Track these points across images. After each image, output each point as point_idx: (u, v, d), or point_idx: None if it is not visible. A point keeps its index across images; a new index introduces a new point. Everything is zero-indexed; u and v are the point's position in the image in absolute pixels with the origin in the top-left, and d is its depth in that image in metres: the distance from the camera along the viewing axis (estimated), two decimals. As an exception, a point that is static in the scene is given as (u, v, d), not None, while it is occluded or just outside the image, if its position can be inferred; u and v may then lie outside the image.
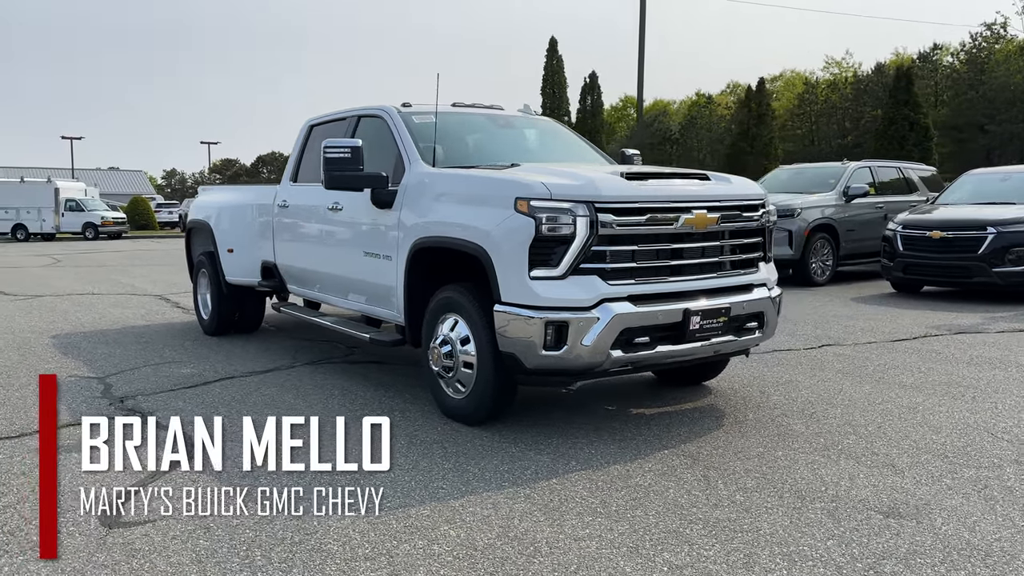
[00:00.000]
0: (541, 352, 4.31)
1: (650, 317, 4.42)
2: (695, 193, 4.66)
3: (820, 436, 4.64)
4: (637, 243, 4.44)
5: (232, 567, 3.04)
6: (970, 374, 6.19)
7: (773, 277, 5.17)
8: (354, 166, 5.36)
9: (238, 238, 7.77)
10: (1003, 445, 4.45)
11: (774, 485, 3.87)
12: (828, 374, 6.24)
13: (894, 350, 7.20)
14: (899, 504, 3.62)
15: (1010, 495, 3.72)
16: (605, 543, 3.23)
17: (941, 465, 4.13)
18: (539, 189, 4.35)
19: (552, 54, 48.31)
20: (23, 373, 6.50)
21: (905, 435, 4.64)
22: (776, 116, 53.51)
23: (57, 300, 11.87)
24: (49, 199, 39.63)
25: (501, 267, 4.43)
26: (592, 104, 48.88)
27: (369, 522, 3.44)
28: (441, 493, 3.78)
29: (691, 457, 4.30)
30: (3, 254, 25.90)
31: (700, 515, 3.51)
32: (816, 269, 12.63)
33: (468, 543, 3.23)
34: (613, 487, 3.85)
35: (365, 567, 3.04)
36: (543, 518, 3.49)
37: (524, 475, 4.03)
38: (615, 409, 5.29)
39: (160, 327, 9.04)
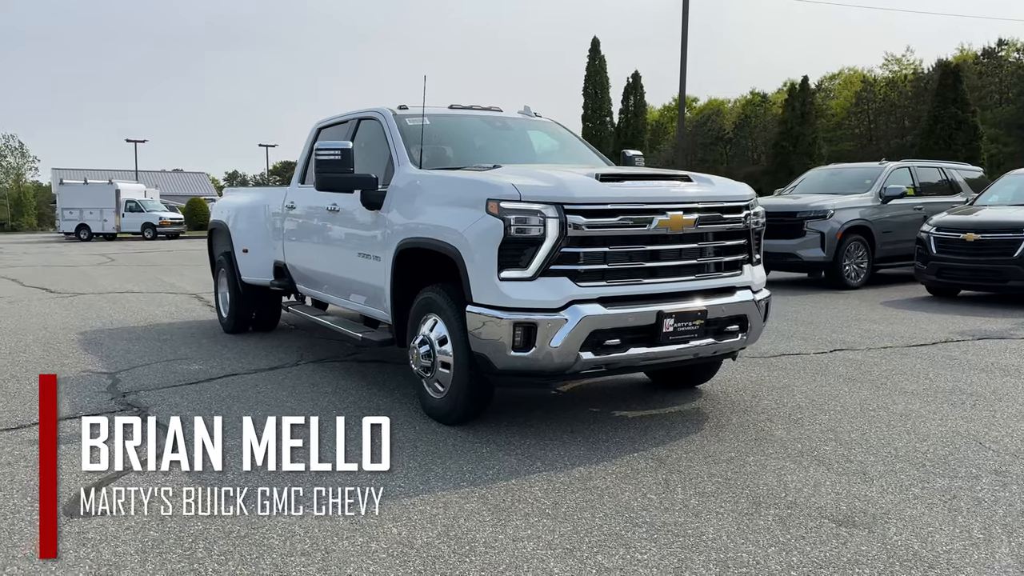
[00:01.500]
0: (510, 353, 4.33)
1: (621, 319, 4.40)
2: (670, 195, 4.62)
3: (798, 442, 4.56)
4: (609, 245, 4.43)
5: (172, 558, 3.13)
6: (979, 381, 6.00)
7: (760, 280, 5.09)
8: (344, 168, 5.45)
9: (253, 239, 7.95)
10: (987, 455, 4.32)
11: (733, 490, 3.82)
12: (829, 379, 6.11)
13: (907, 355, 7.02)
14: (856, 513, 3.55)
15: (976, 507, 3.61)
16: (542, 544, 3.24)
17: (914, 474, 4.03)
18: (509, 191, 4.37)
19: (594, 54, 48.03)
20: (40, 367, 6.76)
21: (887, 443, 4.53)
22: (832, 114, 52.45)
23: (96, 298, 12.29)
24: (110, 200, 40.99)
25: (473, 268, 4.46)
26: (635, 104, 48.48)
27: (317, 519, 3.51)
28: (397, 492, 3.83)
29: (658, 460, 4.27)
30: (63, 253, 26.88)
31: (648, 519, 3.49)
32: (850, 272, 12.35)
33: (407, 541, 3.27)
34: (569, 489, 3.85)
35: (299, 562, 3.10)
36: (489, 518, 3.51)
37: (486, 475, 4.05)
38: (598, 411, 5.27)
39: (184, 325, 9.30)
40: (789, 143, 39.25)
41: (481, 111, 6.50)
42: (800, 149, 38.15)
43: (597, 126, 47.32)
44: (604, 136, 47.30)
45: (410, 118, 5.90)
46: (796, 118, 39.92)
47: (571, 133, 6.75)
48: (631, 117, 48.14)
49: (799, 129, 39.55)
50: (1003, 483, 3.89)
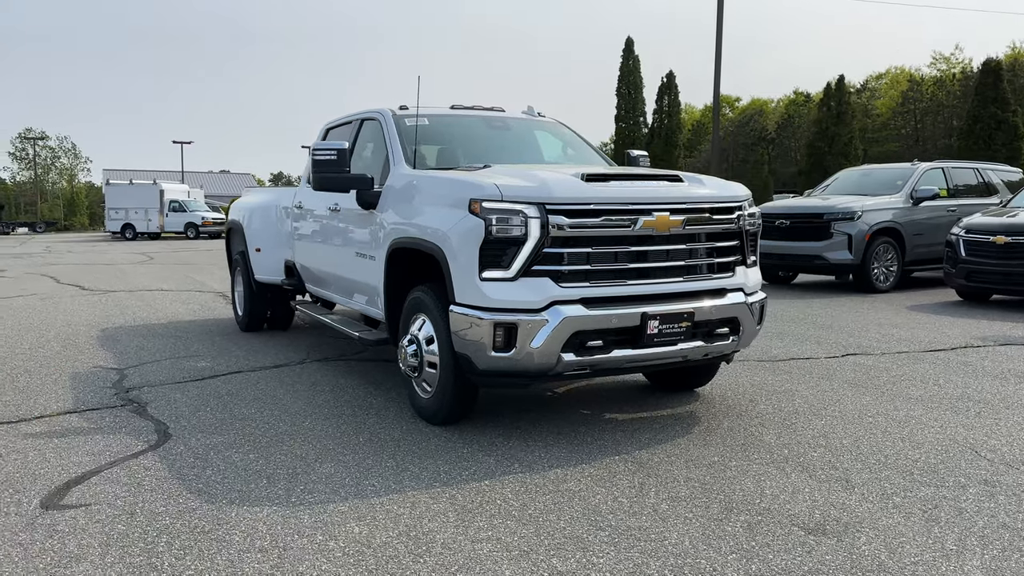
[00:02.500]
0: (491, 354, 4.31)
1: (603, 320, 4.35)
2: (656, 195, 4.56)
3: (786, 448, 4.47)
4: (592, 245, 4.38)
5: (133, 551, 3.17)
6: (990, 388, 5.82)
7: (754, 282, 5.00)
8: (340, 168, 5.48)
9: (265, 238, 8.05)
10: (980, 464, 4.18)
11: (707, 495, 3.76)
12: (835, 384, 5.98)
13: (921, 361, 6.84)
14: (829, 521, 3.46)
15: (957, 517, 3.49)
16: (501, 546, 3.22)
17: (899, 482, 3.92)
18: (490, 190, 4.35)
19: (628, 54, 47.62)
20: (55, 363, 6.92)
21: (878, 450, 4.42)
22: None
23: (126, 295, 12.55)
24: (155, 200, 41.86)
25: (455, 268, 4.46)
26: (669, 104, 47.99)
27: (283, 516, 3.52)
28: (369, 491, 3.83)
29: (638, 463, 4.21)
30: (105, 252, 27.52)
31: (613, 522, 3.45)
32: (878, 275, 12.08)
33: (365, 540, 3.27)
34: (541, 491, 3.82)
35: (255, 558, 3.12)
36: (454, 519, 3.49)
37: (460, 476, 4.04)
38: (589, 413, 5.23)
39: (203, 322, 9.45)
40: (824, 143, 38.55)
41: (483, 111, 6.49)
42: (836, 149, 37.44)
43: (631, 127, 46.92)
44: (638, 136, 46.92)
45: (408, 118, 5.91)
46: (832, 118, 39.19)
47: (574, 133, 6.70)
48: (665, 117, 47.68)
49: (835, 129, 38.82)
50: (990, 493, 3.76)
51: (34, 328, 8.98)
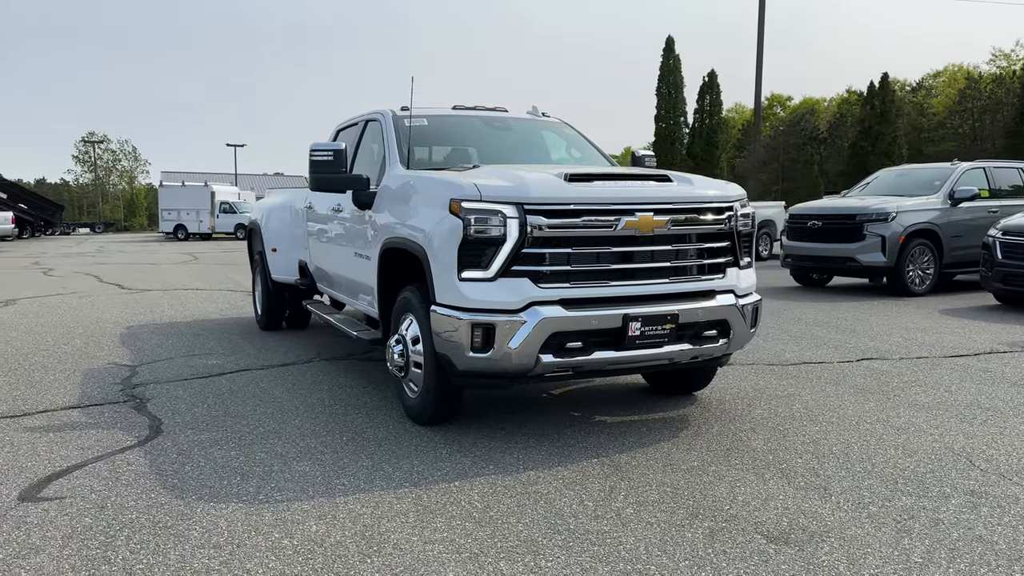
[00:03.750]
0: (469, 354, 4.30)
1: (583, 322, 4.30)
2: (639, 195, 4.49)
3: (771, 454, 4.36)
4: (573, 246, 4.34)
5: (92, 545, 3.23)
6: (1003, 395, 5.61)
7: (747, 284, 4.89)
8: (336, 169, 5.52)
9: (281, 238, 8.16)
10: (972, 474, 4.03)
11: (676, 500, 3.68)
12: (841, 389, 5.83)
13: (939, 366, 6.62)
14: (795, 529, 3.36)
15: (932, 528, 3.37)
16: (452, 548, 3.20)
17: (881, 491, 3.79)
18: (470, 190, 4.34)
19: (668, 53, 47.02)
20: (73, 359, 7.11)
21: (867, 458, 4.29)
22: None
23: (161, 294, 12.84)
24: (206, 202, 42.80)
25: (436, 268, 4.45)
26: (710, 104, 47.26)
27: (246, 513, 3.56)
28: (338, 490, 3.84)
29: (615, 467, 4.16)
30: (155, 252, 28.22)
31: (572, 526, 3.40)
32: (913, 278, 11.75)
33: (319, 539, 3.28)
34: (509, 493, 3.79)
35: (207, 554, 3.15)
36: (414, 520, 3.48)
37: (432, 477, 4.03)
38: (579, 415, 5.18)
39: (226, 321, 9.62)
40: (868, 143, 37.66)
41: (484, 112, 6.48)
42: (879, 149, 36.53)
43: (671, 127, 46.34)
44: (678, 136, 46.32)
45: (407, 119, 5.93)
46: (875, 117, 38.26)
47: (578, 133, 6.65)
48: (707, 117, 47.00)
49: (879, 128, 37.89)
50: (973, 504, 3.62)
51: (64, 325, 9.24)
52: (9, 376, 6.42)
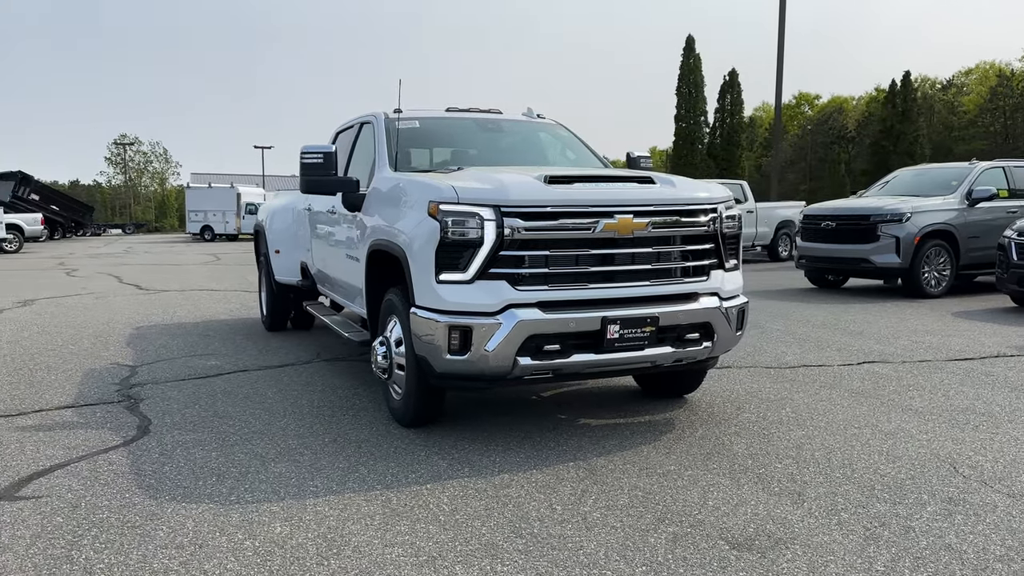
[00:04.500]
0: (446, 356, 4.30)
1: (560, 324, 4.28)
2: (618, 197, 4.46)
3: (751, 458, 4.32)
4: (550, 248, 4.32)
5: (58, 544, 3.28)
6: (1002, 400, 5.50)
7: (732, 287, 4.84)
8: (326, 171, 5.55)
9: (283, 240, 8.22)
10: (953, 481, 3.95)
11: (646, 505, 3.66)
12: (835, 393, 5.75)
13: (941, 370, 6.51)
14: (761, 536, 3.32)
15: (901, 536, 3.31)
16: (411, 551, 3.20)
17: (856, 498, 3.73)
18: (447, 193, 4.34)
19: (689, 52, 46.52)
20: (77, 359, 7.22)
21: (849, 463, 4.23)
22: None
23: (176, 295, 13.00)
24: (231, 203, 43.23)
25: (415, 270, 4.46)
26: (731, 103, 46.66)
27: (215, 513, 3.58)
28: (309, 491, 3.86)
29: (590, 470, 4.13)
30: (180, 252, 28.57)
31: (536, 530, 3.39)
32: (929, 279, 11.57)
33: (281, 541, 3.30)
34: (479, 496, 3.78)
35: (168, 554, 3.18)
36: (379, 522, 3.49)
37: (406, 479, 4.03)
38: (565, 418, 5.16)
39: (234, 322, 9.71)
40: (889, 142, 37.11)
41: (478, 114, 6.47)
42: (901, 148, 35.96)
43: (691, 126, 45.84)
44: (698, 136, 45.85)
45: (400, 121, 5.94)
46: (897, 116, 37.68)
47: (572, 134, 6.63)
48: (727, 116, 46.45)
49: (900, 127, 37.32)
50: (948, 512, 3.55)
51: (76, 325, 9.38)
52: (12, 375, 6.53)
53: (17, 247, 30.41)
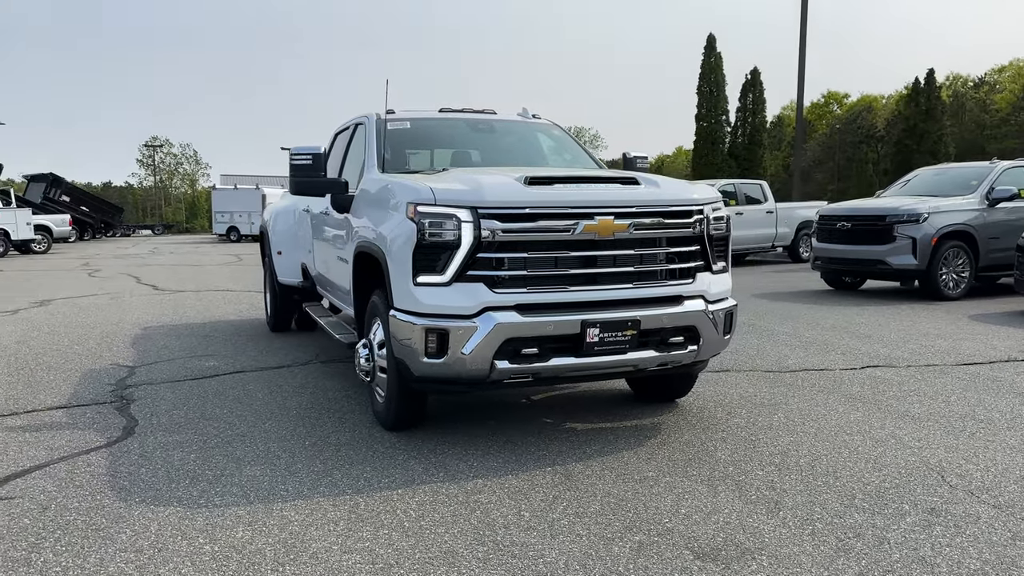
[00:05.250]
0: (424, 359, 4.26)
1: (538, 328, 4.22)
2: (599, 198, 4.39)
3: (733, 465, 4.22)
4: (529, 250, 4.26)
5: (19, 546, 3.28)
6: (1003, 407, 5.35)
7: (719, 289, 4.75)
8: (315, 172, 5.54)
9: (285, 241, 8.23)
10: (939, 491, 3.83)
11: (617, 513, 3.58)
12: (832, 398, 5.63)
13: (946, 375, 6.35)
14: (729, 546, 3.24)
15: (873, 548, 3.21)
16: (369, 558, 3.16)
17: (834, 507, 3.63)
18: (425, 194, 4.30)
19: (710, 51, 45.94)
20: (79, 359, 7.28)
21: (832, 471, 4.12)
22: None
23: (190, 295, 13.10)
24: (257, 204, 43.44)
25: (393, 272, 4.42)
26: (753, 102, 45.91)
27: (180, 517, 3.57)
28: (279, 495, 3.84)
29: (566, 476, 4.07)
30: (204, 253, 28.85)
31: (499, 538, 3.33)
32: (947, 281, 11.32)
33: (240, 545, 3.27)
34: (449, 502, 3.74)
35: (126, 558, 3.17)
36: (343, 527, 3.45)
37: (379, 484, 3.99)
38: (551, 422, 5.09)
39: (241, 322, 9.76)
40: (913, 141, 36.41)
41: (471, 114, 6.43)
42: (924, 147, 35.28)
43: (712, 125, 45.20)
44: (719, 135, 45.25)
45: (392, 122, 5.92)
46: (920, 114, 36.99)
47: (566, 134, 6.56)
48: (749, 115, 45.77)
49: (923, 126, 36.62)
50: (927, 524, 3.44)
51: (85, 325, 9.48)
52: (13, 375, 6.60)
53: (46, 247, 30.91)
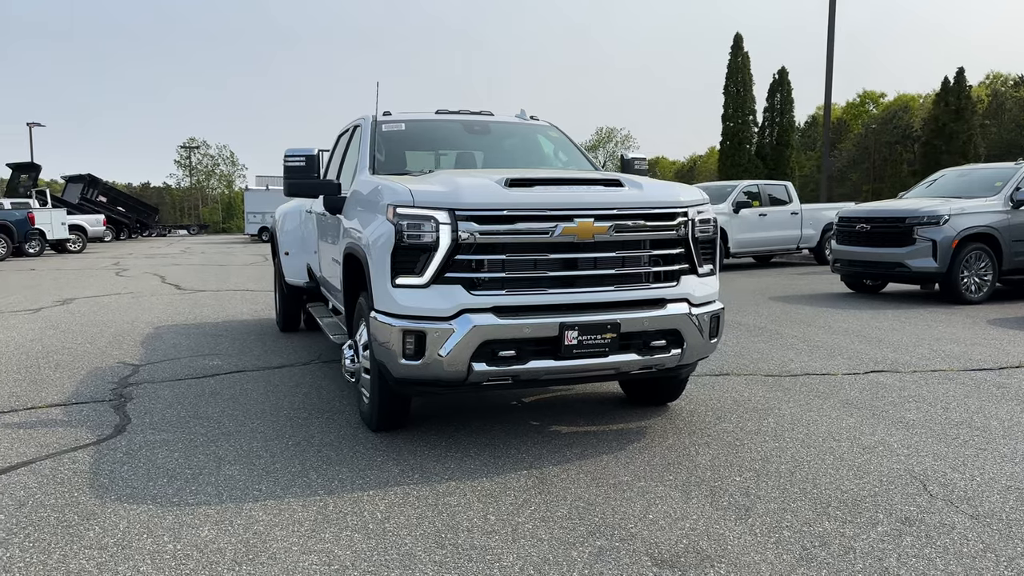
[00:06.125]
0: (402, 361, 4.26)
1: (515, 330, 4.20)
2: (578, 200, 4.36)
3: (711, 470, 4.17)
4: (507, 252, 4.25)
5: (-11, 541, 3.34)
6: (1003, 414, 5.22)
7: (704, 293, 4.69)
8: (308, 174, 5.58)
9: (292, 242, 8.30)
10: (917, 500, 3.75)
11: (584, 517, 3.56)
12: (828, 403, 5.54)
13: (951, 381, 6.22)
14: (689, 552, 3.20)
15: (838, 559, 3.14)
16: (326, 559, 3.17)
17: (806, 515, 3.57)
18: (404, 196, 4.31)
19: (737, 50, 45.23)
20: (88, 357, 7.41)
21: (811, 478, 4.05)
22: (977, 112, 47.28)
23: (209, 295, 13.28)
24: (287, 204, 43.98)
25: (374, 274, 4.44)
26: (781, 102, 45.03)
27: (150, 515, 3.61)
28: (252, 495, 3.87)
29: (540, 480, 4.05)
30: (233, 253, 29.24)
31: (461, 541, 3.33)
32: (969, 285, 11.09)
33: (203, 544, 3.30)
34: (417, 504, 3.74)
35: (89, 555, 3.21)
36: (306, 528, 3.47)
37: (353, 485, 4.00)
38: (538, 424, 5.07)
39: (253, 322, 9.86)
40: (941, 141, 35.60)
41: (467, 116, 6.43)
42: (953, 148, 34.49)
43: (739, 126, 44.45)
44: (746, 136, 44.58)
45: (386, 124, 5.94)
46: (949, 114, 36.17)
47: (564, 135, 6.52)
48: (776, 115, 44.96)
49: (952, 126, 35.80)
50: (898, 534, 3.37)
51: (100, 324, 9.64)
52: (20, 372, 6.73)
53: (80, 247, 31.51)
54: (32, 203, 30.85)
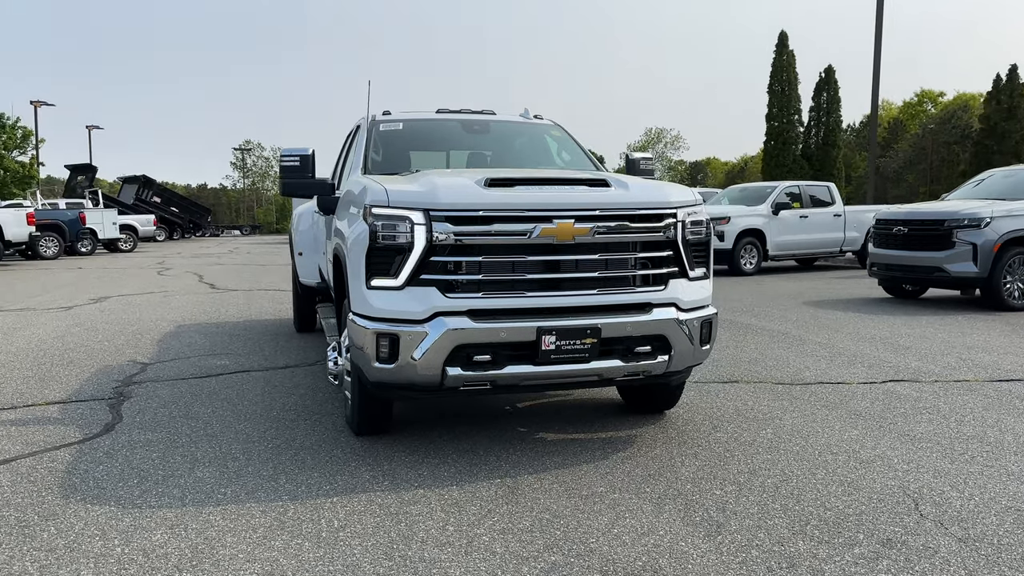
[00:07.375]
0: (375, 364, 4.17)
1: (490, 334, 4.08)
2: (558, 201, 4.21)
3: (692, 483, 3.99)
4: (484, 254, 4.13)
5: (-56, 540, 3.34)
6: (1020, 430, 4.92)
7: (694, 297, 4.50)
8: (303, 174, 5.54)
9: (305, 242, 8.28)
10: (905, 520, 3.52)
11: (545, 530, 3.42)
12: (834, 413, 5.29)
13: (973, 392, 5.91)
14: (647, 570, 3.04)
15: (804, 581, 2.96)
16: (269, 568, 3.09)
17: (781, 534, 3.38)
18: (380, 196, 4.22)
19: (782, 49, 44.02)
20: (101, 355, 7.50)
21: (796, 494, 3.85)
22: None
23: (240, 294, 13.42)
24: (333, 205, 44.46)
25: (350, 275, 4.36)
26: (827, 101, 43.65)
27: (108, 517, 3.58)
28: (215, 499, 3.81)
29: (511, 489, 3.92)
30: (277, 254, 29.63)
31: (411, 553, 3.22)
32: (1012, 290, 10.62)
33: (150, 549, 3.25)
34: (378, 512, 3.64)
35: (35, 556, 3.18)
36: (258, 535, 3.39)
37: (319, 491, 3.92)
38: (525, 431, 4.94)
39: (271, 322, 9.91)
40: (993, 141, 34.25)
41: (468, 115, 6.32)
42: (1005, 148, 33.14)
43: (784, 125, 43.23)
44: (791, 135, 43.45)
45: (384, 124, 5.87)
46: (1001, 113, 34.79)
47: (567, 135, 6.37)
48: (823, 115, 43.67)
49: (1004, 126, 34.42)
50: (875, 556, 3.16)
51: (124, 322, 9.78)
52: (31, 369, 6.83)
53: (131, 246, 32.28)
54: (85, 203, 31.70)
